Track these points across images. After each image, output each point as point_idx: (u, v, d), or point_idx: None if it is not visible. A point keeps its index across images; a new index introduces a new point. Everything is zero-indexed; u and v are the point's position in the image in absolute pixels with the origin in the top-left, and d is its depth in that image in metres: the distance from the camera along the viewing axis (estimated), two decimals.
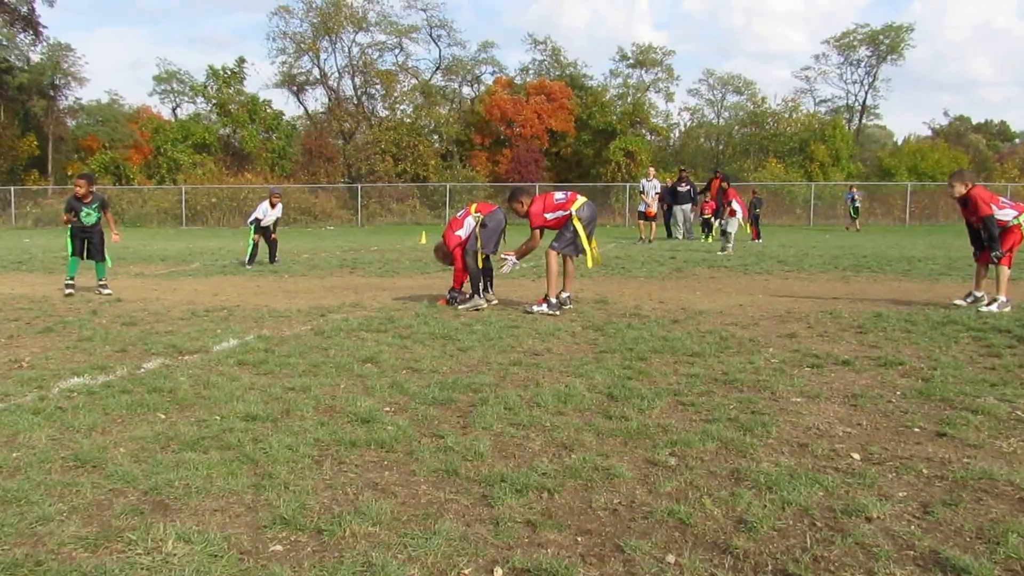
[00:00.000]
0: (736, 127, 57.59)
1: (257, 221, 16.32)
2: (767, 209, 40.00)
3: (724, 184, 22.77)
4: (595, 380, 5.74)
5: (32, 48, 50.92)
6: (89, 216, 11.40)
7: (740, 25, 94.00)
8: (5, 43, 49.17)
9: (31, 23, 50.94)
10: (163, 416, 4.88)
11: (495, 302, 9.85)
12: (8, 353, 6.95)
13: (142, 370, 6.18)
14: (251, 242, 16.28)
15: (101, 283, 11.34)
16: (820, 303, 9.74)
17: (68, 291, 11.06)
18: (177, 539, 3.09)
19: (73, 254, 11.36)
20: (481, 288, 9.62)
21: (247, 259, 16.10)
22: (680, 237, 24.85)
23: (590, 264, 9.71)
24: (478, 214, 9.88)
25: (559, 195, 9.56)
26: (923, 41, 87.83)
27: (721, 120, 59.06)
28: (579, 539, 3.20)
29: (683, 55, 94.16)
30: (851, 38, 55.24)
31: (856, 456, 4.09)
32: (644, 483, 3.76)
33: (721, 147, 57.74)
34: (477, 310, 9.32)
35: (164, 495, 3.57)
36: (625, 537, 3.20)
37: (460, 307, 9.40)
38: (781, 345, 7.07)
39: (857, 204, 34.21)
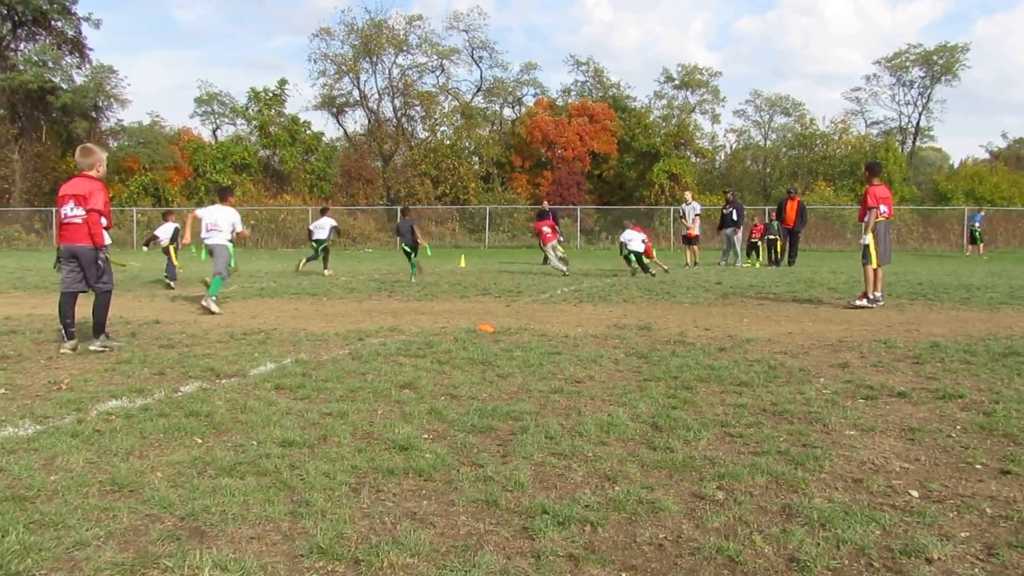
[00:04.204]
0: (784, 149, 57.24)
1: (310, 232, 20.27)
2: (816, 233, 39.76)
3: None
4: (639, 409, 5.69)
5: (77, 70, 52.02)
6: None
7: (796, 46, 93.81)
8: (51, 65, 50.26)
9: (78, 45, 52.07)
10: (200, 440, 4.91)
11: None
12: (47, 375, 7.06)
13: (179, 393, 6.23)
14: (319, 252, 20.12)
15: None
16: (873, 331, 9.60)
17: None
18: (214, 567, 3.10)
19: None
20: None
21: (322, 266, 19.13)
22: (723, 263, 24.63)
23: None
24: None
25: None
26: (983, 62, 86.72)
27: (768, 142, 58.75)
28: (623, 575, 3.15)
29: (735, 77, 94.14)
30: (903, 58, 54.77)
31: (914, 493, 4.00)
32: (691, 518, 3.71)
33: (768, 169, 57.38)
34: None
35: (201, 521, 3.59)
36: (671, 574, 3.15)
37: None
38: (833, 375, 6.97)
39: (978, 228, 33.29)
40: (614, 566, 3.22)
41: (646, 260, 20.02)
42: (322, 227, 20.82)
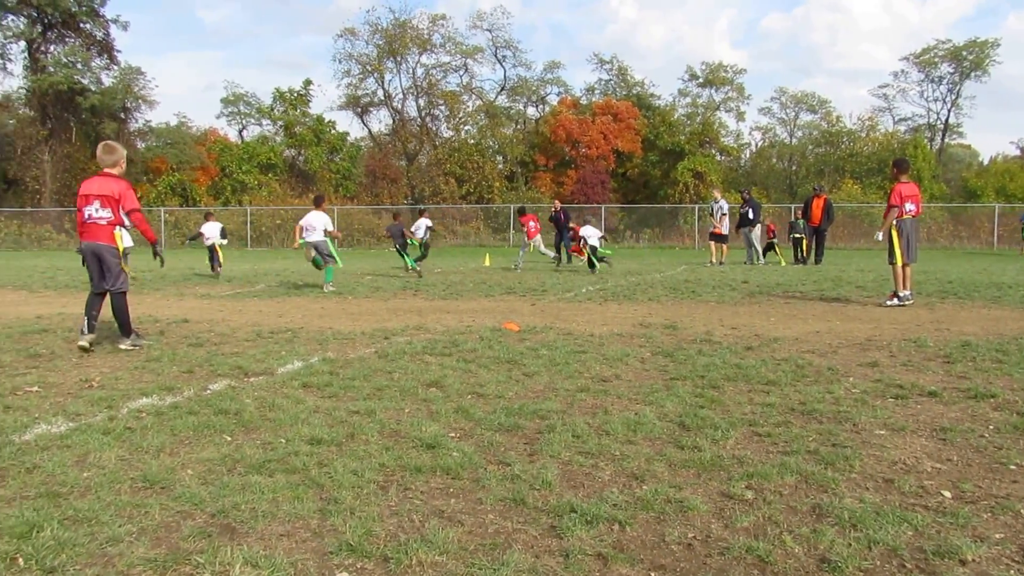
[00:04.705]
0: (810, 146, 56.91)
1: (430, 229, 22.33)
2: (843, 231, 39.49)
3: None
4: (666, 408, 5.68)
5: (105, 71, 52.48)
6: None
7: (822, 43, 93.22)
8: (80, 66, 50.72)
9: (106, 47, 52.52)
10: (229, 438, 4.94)
11: None
12: (79, 373, 7.13)
13: (208, 391, 6.27)
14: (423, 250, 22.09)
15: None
16: (903, 330, 9.53)
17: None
18: (244, 563, 3.12)
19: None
20: None
21: (413, 264, 19.71)
22: (750, 262, 24.51)
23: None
24: None
25: None
26: (1014, 57, 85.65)
27: (794, 139, 58.41)
28: (652, 574, 3.15)
29: (760, 74, 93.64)
30: (932, 54, 54.29)
31: (947, 494, 3.97)
32: (720, 517, 3.69)
33: (794, 167, 57.06)
34: None
35: (231, 518, 3.61)
36: (701, 574, 3.14)
37: None
38: (862, 374, 6.91)
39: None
40: (643, 565, 3.21)
41: (600, 254, 21.11)
42: (419, 227, 22.48)
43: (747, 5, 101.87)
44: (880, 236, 12.42)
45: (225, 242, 21.36)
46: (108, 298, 8.51)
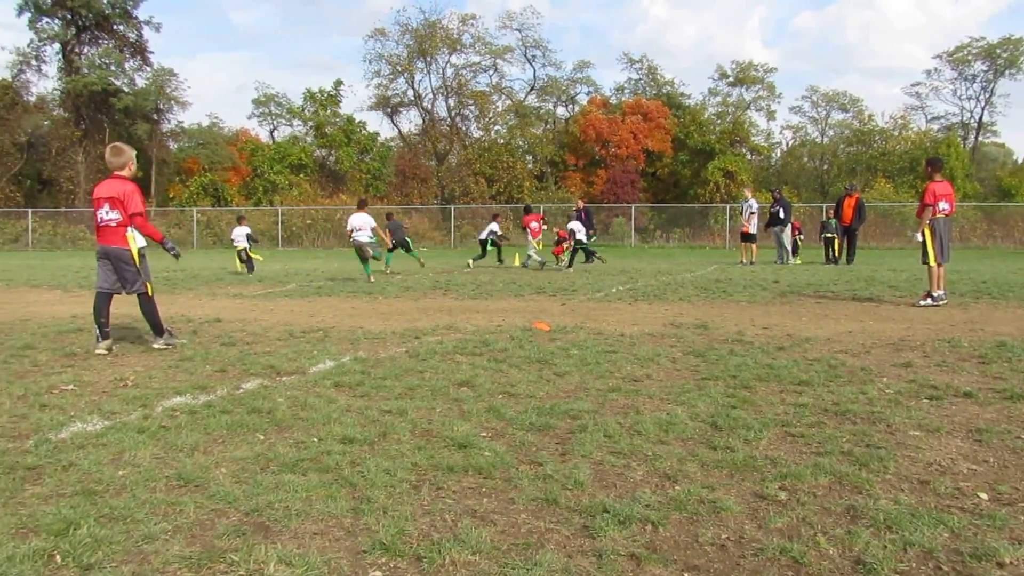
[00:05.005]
0: (841, 145, 56.45)
1: (493, 234, 24.03)
2: (875, 231, 39.14)
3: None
4: (698, 408, 5.65)
5: (138, 72, 53.05)
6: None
7: (855, 41, 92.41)
8: (113, 68, 51.30)
9: (139, 49, 53.11)
10: (262, 437, 4.97)
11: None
12: (113, 372, 7.20)
13: (241, 390, 6.31)
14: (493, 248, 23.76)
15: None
16: (936, 330, 9.43)
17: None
18: (279, 562, 3.13)
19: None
20: None
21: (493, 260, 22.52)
22: (780, 261, 24.36)
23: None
24: None
25: None
26: None
27: (825, 138, 57.96)
28: (686, 575, 3.13)
29: (791, 72, 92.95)
30: (965, 52, 53.67)
31: (983, 496, 3.92)
32: (753, 518, 3.67)
33: (826, 166, 56.63)
34: None
35: (265, 517, 3.63)
36: (734, 574, 3.12)
37: None
38: (895, 375, 6.85)
39: None
40: (676, 566, 3.20)
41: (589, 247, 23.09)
42: (489, 230, 24.47)
43: (779, 4, 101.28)
44: (919, 236, 12.30)
45: (248, 246, 22.66)
46: (129, 300, 8.54)
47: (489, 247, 24.34)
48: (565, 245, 22.31)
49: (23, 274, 21.45)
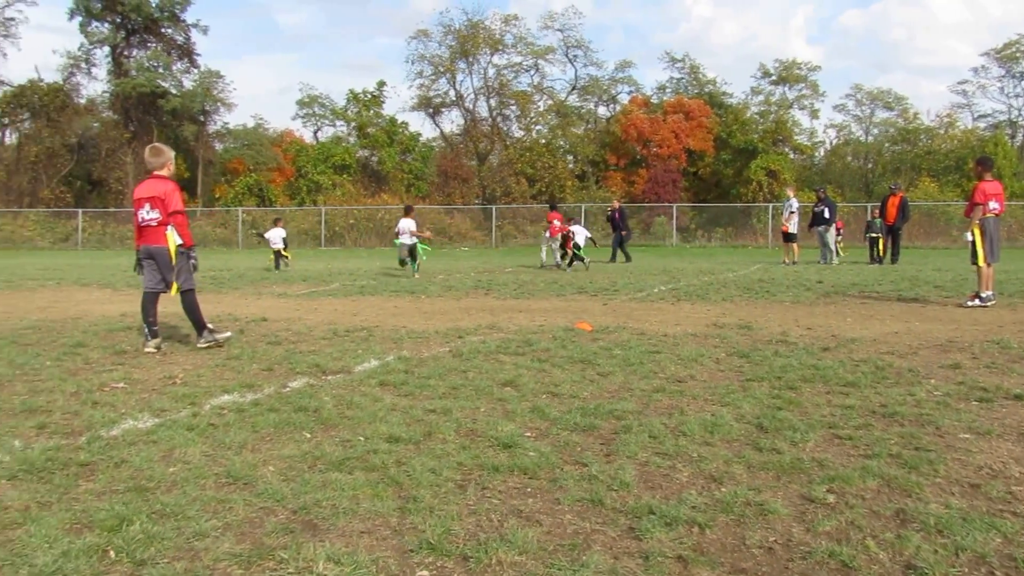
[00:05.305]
0: (886, 144, 55.70)
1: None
2: (920, 230, 38.58)
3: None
4: (743, 409, 5.60)
5: (185, 75, 53.73)
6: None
7: (900, 39, 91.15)
8: (161, 70, 52.01)
9: (187, 51, 53.80)
10: (309, 435, 5.01)
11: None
12: (162, 370, 7.29)
13: (288, 389, 6.37)
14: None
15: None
16: (985, 331, 9.27)
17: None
18: (327, 560, 3.15)
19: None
20: None
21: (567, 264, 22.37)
22: (824, 261, 24.09)
23: None
24: None
25: None
26: None
27: (870, 137, 57.23)
28: None
29: (836, 70, 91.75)
30: (1014, 49, 52.67)
31: None
32: (801, 521, 3.63)
33: (870, 165, 55.92)
34: None
35: (312, 515, 3.65)
36: None
37: None
38: (944, 376, 6.74)
39: None
40: (723, 569, 3.17)
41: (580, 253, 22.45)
42: (577, 232, 23.96)
43: (824, 2, 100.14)
44: (968, 236, 12.12)
45: (282, 247, 24.14)
46: (176, 299, 8.62)
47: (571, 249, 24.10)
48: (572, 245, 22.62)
49: (73, 273, 21.79)
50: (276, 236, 24.21)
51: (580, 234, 22.54)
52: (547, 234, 23.78)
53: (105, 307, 12.79)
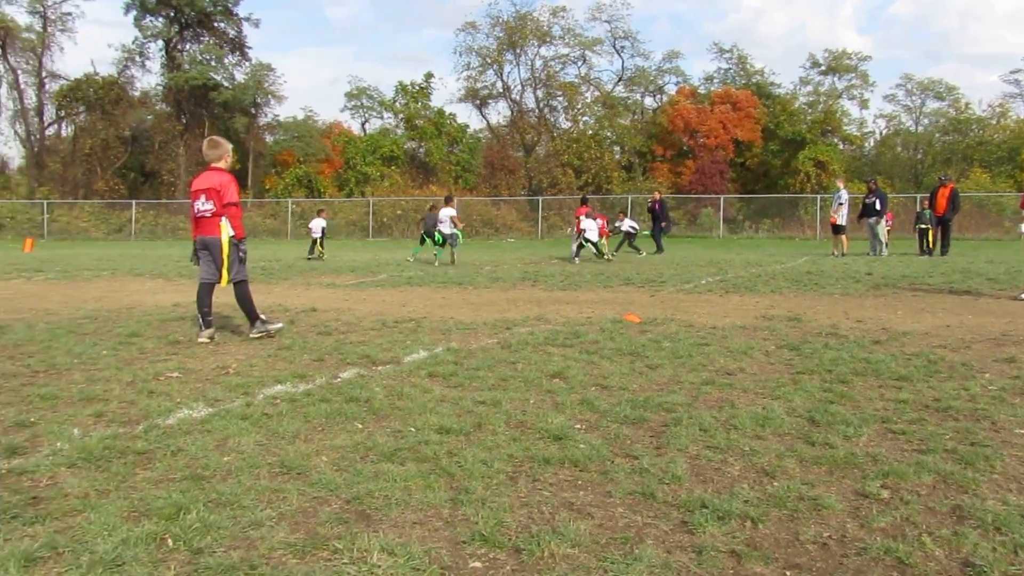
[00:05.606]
0: (937, 135, 54.75)
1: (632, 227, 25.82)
2: (971, 222, 37.88)
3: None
4: (794, 403, 5.53)
5: (237, 67, 54.35)
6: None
7: (952, 28, 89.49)
8: (213, 63, 52.64)
9: (238, 45, 54.40)
10: (360, 426, 5.03)
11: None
12: (215, 360, 7.38)
13: (339, 379, 6.41)
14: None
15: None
16: None
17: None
18: (381, 551, 3.16)
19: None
20: None
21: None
22: (873, 253, 23.75)
23: None
24: None
25: None
26: None
27: (920, 128, 56.27)
28: (787, 573, 3.06)
29: (886, 60, 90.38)
30: None
31: None
32: (855, 516, 3.57)
33: (920, 156, 55.01)
34: None
35: (366, 505, 3.67)
36: (838, 574, 3.05)
37: None
38: (998, 371, 6.60)
39: None
40: (777, 564, 3.13)
41: (599, 243, 22.58)
42: (624, 224, 25.93)
43: None
44: (1023, 228, 11.88)
45: (320, 237, 25.75)
46: (229, 290, 8.70)
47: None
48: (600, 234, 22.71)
49: (126, 263, 22.16)
50: (316, 226, 25.81)
51: (592, 230, 22.35)
52: (571, 230, 23.77)
53: (158, 297, 12.97)
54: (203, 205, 8.50)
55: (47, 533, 3.34)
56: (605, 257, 22.38)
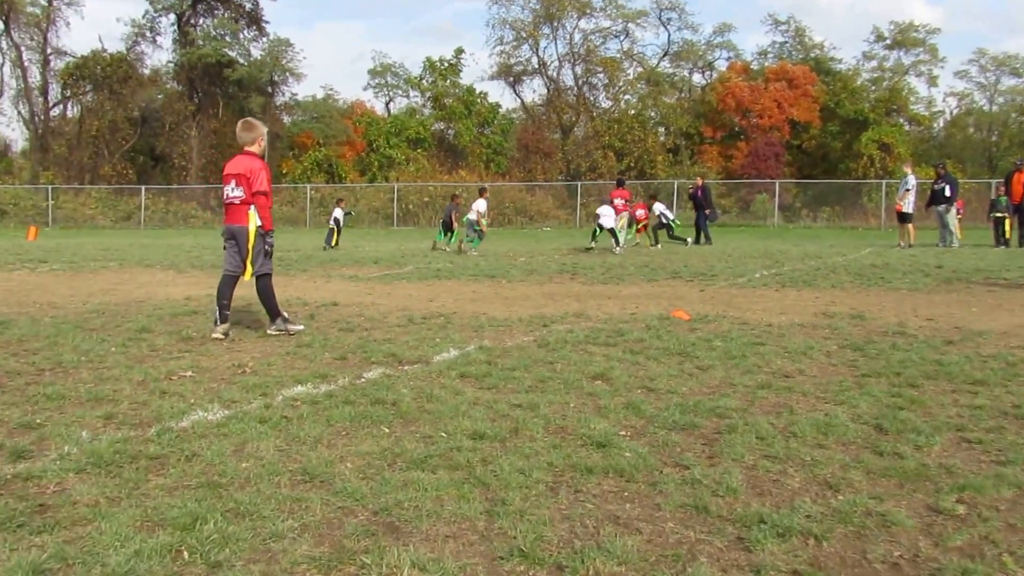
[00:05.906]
0: (1013, 115, 54.01)
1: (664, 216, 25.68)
2: None
3: None
4: (859, 409, 5.48)
5: (253, 43, 54.63)
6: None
7: None
8: (228, 39, 52.94)
9: (255, 19, 54.69)
10: (387, 430, 5.04)
11: None
12: (231, 357, 7.43)
13: (363, 380, 6.43)
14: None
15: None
16: None
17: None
18: (412, 566, 3.16)
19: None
20: None
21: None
22: (943, 244, 23.49)
23: None
24: None
25: None
26: None
27: (995, 107, 55.54)
28: None
29: (957, 34, 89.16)
30: None
31: None
32: (928, 534, 3.53)
33: (994, 138, 54.30)
34: None
35: (394, 516, 3.68)
36: None
37: None
38: None
39: None
40: None
41: (618, 233, 23.25)
42: (659, 210, 25.96)
43: None
44: None
45: (339, 225, 26.70)
46: (251, 282, 8.73)
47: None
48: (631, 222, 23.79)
49: (135, 253, 22.38)
50: (337, 215, 26.78)
51: (608, 218, 23.01)
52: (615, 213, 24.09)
53: (169, 289, 13.09)
54: (232, 191, 8.54)
55: (55, 543, 3.37)
56: (616, 249, 22.73)
